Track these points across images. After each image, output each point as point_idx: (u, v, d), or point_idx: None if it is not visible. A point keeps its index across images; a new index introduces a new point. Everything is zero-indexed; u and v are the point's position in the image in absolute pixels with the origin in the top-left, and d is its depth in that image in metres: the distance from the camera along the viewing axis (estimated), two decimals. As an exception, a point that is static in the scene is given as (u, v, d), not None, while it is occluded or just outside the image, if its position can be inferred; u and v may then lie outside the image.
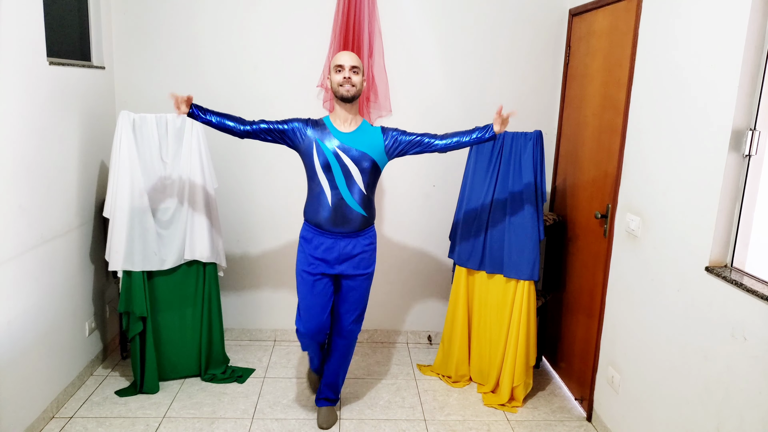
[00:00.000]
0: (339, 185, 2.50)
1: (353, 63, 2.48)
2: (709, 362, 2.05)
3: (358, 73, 2.49)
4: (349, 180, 2.51)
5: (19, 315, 2.52)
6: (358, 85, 2.48)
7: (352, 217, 2.54)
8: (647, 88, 2.48)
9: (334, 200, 2.51)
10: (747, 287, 1.85)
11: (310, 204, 2.59)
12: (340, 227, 2.55)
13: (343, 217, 2.53)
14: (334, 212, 2.52)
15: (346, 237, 2.58)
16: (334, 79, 2.49)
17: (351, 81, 2.46)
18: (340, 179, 2.50)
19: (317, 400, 2.92)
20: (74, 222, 2.98)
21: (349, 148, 2.50)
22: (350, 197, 2.52)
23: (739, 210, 2.02)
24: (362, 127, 2.56)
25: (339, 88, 2.47)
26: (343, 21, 3.30)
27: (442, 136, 2.58)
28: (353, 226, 2.56)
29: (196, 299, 3.15)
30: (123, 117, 2.89)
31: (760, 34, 1.90)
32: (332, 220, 2.53)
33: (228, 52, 3.41)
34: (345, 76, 2.46)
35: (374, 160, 2.53)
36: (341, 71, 2.47)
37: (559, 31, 3.43)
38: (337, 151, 2.49)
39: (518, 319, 3.05)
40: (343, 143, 2.50)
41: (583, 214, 3.07)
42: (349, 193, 2.52)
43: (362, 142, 2.52)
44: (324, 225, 2.55)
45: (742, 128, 1.96)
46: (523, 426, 2.91)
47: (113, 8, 3.34)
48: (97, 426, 2.77)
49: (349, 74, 2.46)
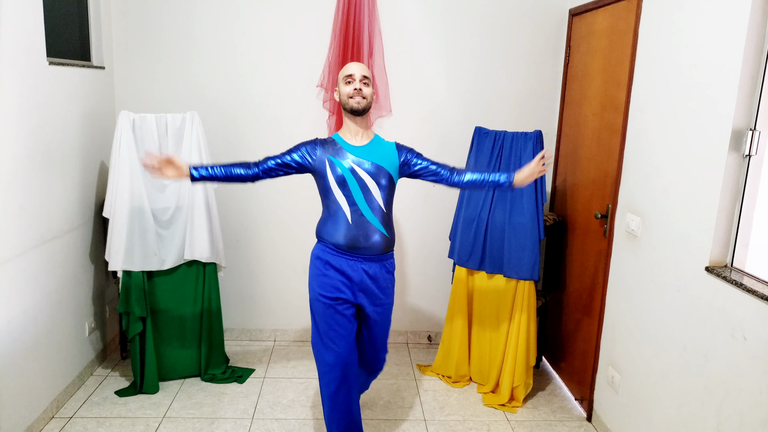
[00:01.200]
0: (357, 201, 2.30)
1: (363, 73, 2.32)
2: (709, 362, 2.05)
3: (368, 84, 2.32)
4: (367, 195, 2.31)
5: (19, 315, 2.52)
6: (368, 97, 2.31)
7: (373, 237, 2.32)
8: (647, 88, 2.48)
9: (354, 217, 2.30)
10: (747, 287, 1.85)
11: (327, 223, 2.37)
12: (362, 248, 2.32)
13: (365, 235, 2.31)
14: (356, 229, 2.30)
15: (368, 261, 2.35)
16: (343, 90, 2.32)
17: (362, 93, 2.29)
18: (358, 195, 2.30)
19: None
20: (74, 222, 2.98)
21: (364, 161, 2.31)
22: (371, 214, 2.31)
23: (739, 210, 2.02)
24: (375, 140, 2.39)
25: (349, 100, 2.30)
26: (343, 21, 3.30)
27: (459, 171, 2.39)
28: (375, 249, 2.34)
29: (196, 299, 3.15)
30: (123, 117, 2.89)
31: (760, 34, 1.90)
32: (353, 238, 2.30)
33: (228, 52, 3.41)
34: (356, 88, 2.28)
35: (390, 174, 2.34)
36: (351, 82, 2.30)
37: (559, 31, 3.43)
38: (353, 166, 2.30)
39: (518, 319, 3.05)
40: (357, 157, 2.31)
41: (583, 214, 3.07)
42: (369, 210, 2.31)
43: (377, 155, 2.33)
44: (343, 244, 2.32)
45: (742, 128, 1.96)
46: (523, 426, 2.91)
47: (113, 8, 3.34)
48: (97, 426, 2.77)
49: (360, 85, 2.29)
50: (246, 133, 3.49)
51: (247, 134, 3.49)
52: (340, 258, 2.34)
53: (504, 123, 3.48)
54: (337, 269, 2.34)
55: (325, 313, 2.35)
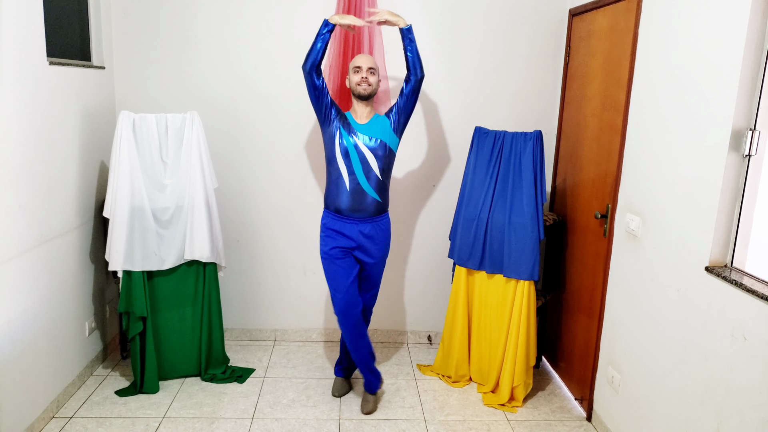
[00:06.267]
0: (356, 171, 2.77)
1: (370, 65, 2.79)
2: (709, 362, 2.05)
3: (374, 73, 2.81)
4: (366, 167, 2.78)
5: (19, 315, 2.52)
6: (374, 84, 2.80)
7: (367, 202, 2.80)
8: (647, 87, 2.48)
9: (351, 185, 2.78)
10: (747, 287, 1.85)
11: (330, 190, 2.85)
12: (357, 212, 2.81)
13: (360, 202, 2.79)
14: (352, 197, 2.79)
15: (363, 221, 2.83)
16: (352, 79, 2.80)
17: (368, 81, 2.78)
18: (357, 166, 2.77)
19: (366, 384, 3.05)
20: (74, 222, 2.98)
21: (366, 137, 2.79)
22: (366, 183, 2.78)
23: (739, 210, 2.02)
24: (375, 118, 2.86)
25: (357, 87, 2.78)
26: (343, 21, 3.31)
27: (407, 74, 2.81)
28: (368, 211, 2.82)
29: (196, 299, 3.15)
30: (123, 117, 2.89)
31: (760, 34, 1.90)
32: (350, 204, 2.79)
33: (228, 52, 3.41)
34: (362, 77, 2.77)
35: (388, 145, 2.81)
36: (359, 72, 2.78)
37: (559, 31, 3.43)
38: (356, 142, 2.77)
39: (518, 319, 3.05)
40: (361, 133, 2.79)
41: (583, 214, 3.08)
42: (366, 180, 2.78)
43: (376, 130, 2.81)
44: (343, 210, 2.81)
45: (742, 128, 1.96)
46: (523, 426, 2.91)
47: (113, 9, 3.34)
48: (97, 426, 2.77)
49: (366, 74, 2.78)
50: (246, 133, 3.49)
51: (247, 134, 3.49)
52: (339, 222, 2.83)
53: (504, 123, 3.48)
54: (338, 231, 2.83)
55: (331, 266, 2.86)
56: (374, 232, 2.86)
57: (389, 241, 2.97)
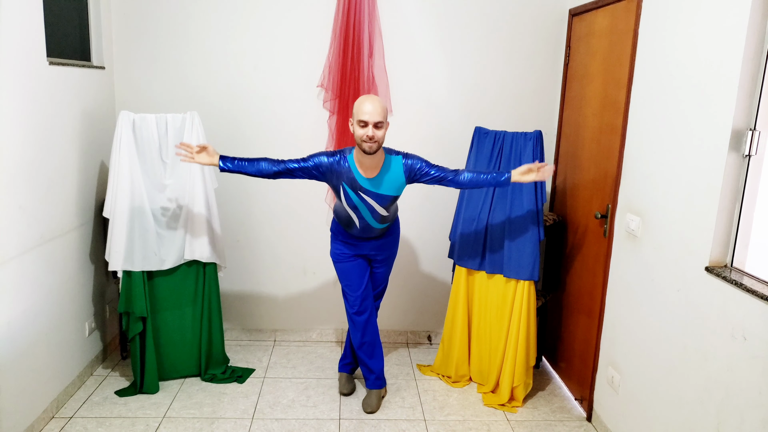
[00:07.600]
0: (365, 216, 2.74)
1: (377, 119, 2.49)
2: (709, 362, 2.05)
3: (381, 127, 2.51)
4: (373, 212, 2.73)
5: (19, 315, 2.52)
6: (380, 140, 2.53)
7: (378, 231, 2.84)
8: (647, 88, 2.48)
9: (361, 224, 2.78)
10: (747, 287, 1.85)
11: (339, 218, 2.86)
12: (368, 238, 2.87)
13: (369, 232, 2.83)
14: (362, 230, 2.81)
15: (375, 240, 2.90)
16: (357, 132, 2.52)
17: (374, 138, 2.50)
18: (365, 213, 2.73)
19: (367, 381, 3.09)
20: (74, 222, 2.98)
21: (374, 192, 2.66)
22: (375, 222, 2.78)
23: (739, 210, 2.02)
24: (384, 168, 2.65)
25: (362, 143, 2.52)
26: (343, 21, 3.30)
27: (460, 172, 2.68)
28: (379, 234, 2.87)
29: (196, 299, 3.15)
30: (123, 117, 2.89)
31: (760, 34, 1.90)
32: (360, 234, 2.84)
33: (228, 52, 3.41)
34: (369, 135, 2.49)
35: (396, 197, 2.72)
36: (365, 128, 2.50)
37: (559, 31, 3.43)
38: (363, 196, 2.67)
39: (518, 319, 3.05)
40: (368, 188, 2.65)
41: (583, 214, 3.08)
42: (374, 220, 2.76)
43: (385, 185, 2.66)
44: (354, 235, 2.86)
45: (742, 128, 1.96)
46: (523, 426, 2.91)
47: (113, 9, 3.34)
48: (97, 426, 2.77)
49: (372, 132, 2.49)
50: (246, 133, 3.49)
51: (247, 134, 3.49)
52: (352, 238, 2.87)
53: (504, 123, 3.48)
54: (349, 244, 2.90)
55: (344, 267, 2.92)
56: (385, 241, 2.93)
57: (398, 241, 3.04)
